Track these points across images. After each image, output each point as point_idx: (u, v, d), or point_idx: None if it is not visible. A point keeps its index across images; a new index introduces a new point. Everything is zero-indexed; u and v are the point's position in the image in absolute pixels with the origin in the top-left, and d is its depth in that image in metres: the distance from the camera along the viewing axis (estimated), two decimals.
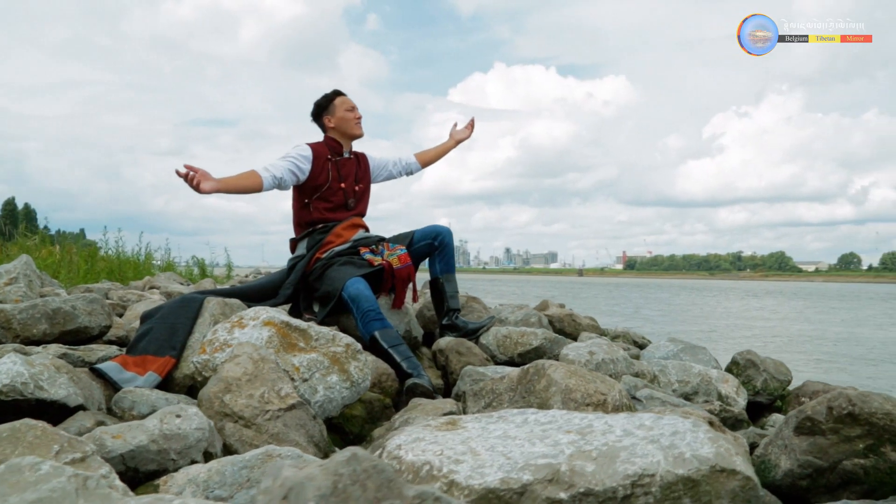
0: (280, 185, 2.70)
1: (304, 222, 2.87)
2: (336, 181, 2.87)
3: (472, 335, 2.75)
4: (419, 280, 3.05)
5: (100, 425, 1.47)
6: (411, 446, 0.99)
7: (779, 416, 2.38)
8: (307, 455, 1.05)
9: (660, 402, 1.87)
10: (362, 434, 1.84)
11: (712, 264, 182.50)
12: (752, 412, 2.52)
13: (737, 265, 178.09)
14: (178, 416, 1.16)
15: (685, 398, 2.23)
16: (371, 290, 2.49)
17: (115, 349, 2.41)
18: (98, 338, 2.63)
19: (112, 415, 1.68)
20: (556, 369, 1.59)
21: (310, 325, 1.80)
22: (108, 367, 1.97)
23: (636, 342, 3.72)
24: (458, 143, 3.37)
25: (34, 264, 3.74)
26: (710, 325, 13.72)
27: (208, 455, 1.17)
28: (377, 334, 2.32)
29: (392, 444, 1.03)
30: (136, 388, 1.79)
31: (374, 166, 3.09)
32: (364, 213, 3.02)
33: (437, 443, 1.00)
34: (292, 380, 1.53)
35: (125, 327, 2.86)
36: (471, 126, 3.43)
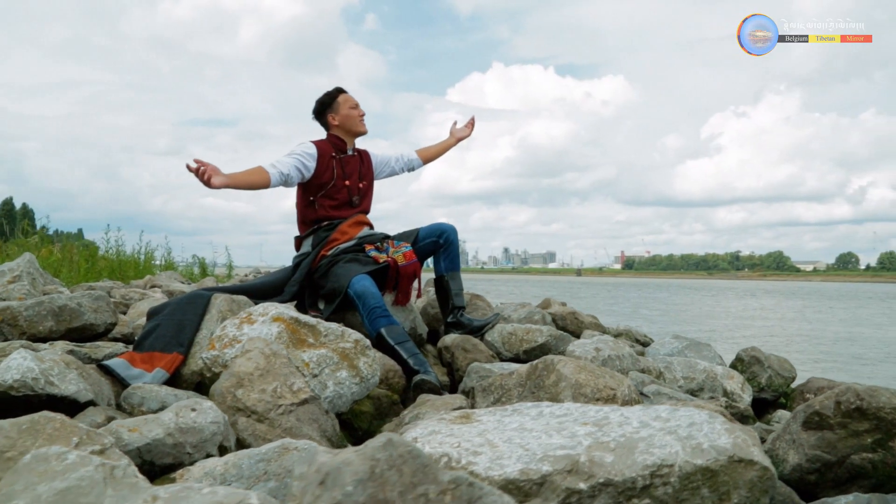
0: (286, 181, 2.70)
1: (308, 220, 2.88)
2: (340, 179, 2.88)
3: (477, 332, 2.75)
4: (422, 278, 3.06)
5: (111, 421, 1.47)
6: (428, 439, 1.00)
7: (784, 412, 2.39)
8: (322, 448, 1.05)
9: (667, 397, 1.88)
10: (371, 430, 1.84)
11: (710, 264, 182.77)
12: (757, 409, 2.52)
13: (735, 265, 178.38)
14: (193, 409, 1.16)
15: (691, 394, 2.24)
16: (377, 287, 2.50)
17: (121, 346, 2.41)
18: (103, 335, 2.63)
19: (121, 411, 1.68)
20: (566, 364, 1.59)
21: (318, 321, 1.80)
22: (115, 363, 1.97)
23: (638, 340, 3.72)
24: (458, 140, 3.39)
25: (37, 262, 3.73)
26: (710, 324, 13.74)
27: (223, 449, 1.18)
28: (383, 331, 2.32)
29: (408, 437, 1.03)
30: (145, 384, 1.80)
31: (377, 163, 3.10)
32: (368, 211, 3.03)
33: (454, 435, 1.00)
34: (302, 375, 1.53)
35: (130, 325, 2.86)
36: (471, 124, 3.45)
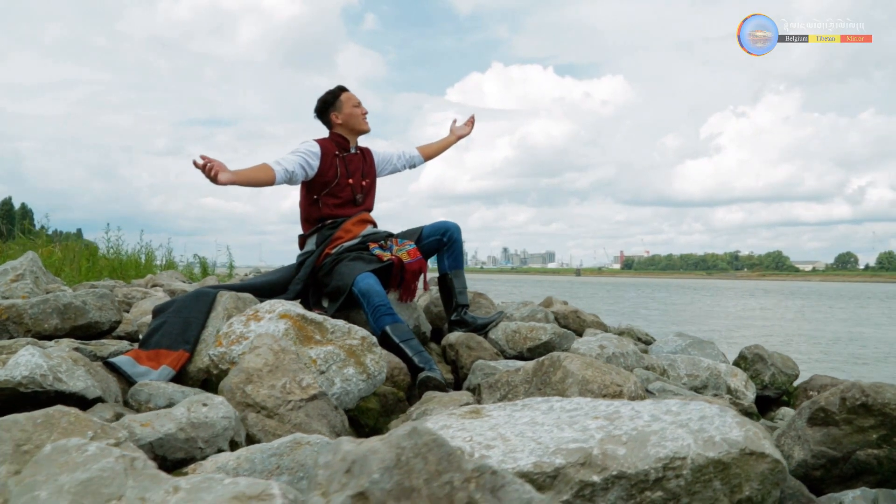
0: (291, 179, 2.70)
1: (312, 218, 2.88)
2: (344, 177, 2.88)
3: (480, 330, 2.76)
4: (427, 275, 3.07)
5: (119, 417, 1.48)
6: (440, 433, 1.00)
7: (788, 409, 2.40)
8: (346, 437, 1.06)
9: (672, 394, 1.88)
10: (377, 427, 1.85)
11: (709, 264, 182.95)
12: (761, 406, 2.53)
13: (734, 265, 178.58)
14: (204, 404, 1.16)
15: (695, 392, 2.24)
16: (381, 285, 2.50)
17: (126, 344, 2.42)
18: (108, 333, 2.63)
19: (129, 407, 1.69)
20: (572, 361, 1.60)
21: (325, 318, 1.81)
22: (121, 360, 1.97)
23: (640, 339, 3.73)
24: (458, 138, 3.42)
25: (40, 261, 3.74)
26: (710, 324, 13.75)
27: (234, 444, 1.18)
28: (388, 329, 2.33)
29: None
30: (151, 381, 1.80)
31: (379, 160, 3.11)
32: (371, 209, 3.04)
33: (466, 429, 1.01)
34: (311, 371, 1.53)
35: (134, 323, 2.86)
36: (471, 123, 3.48)
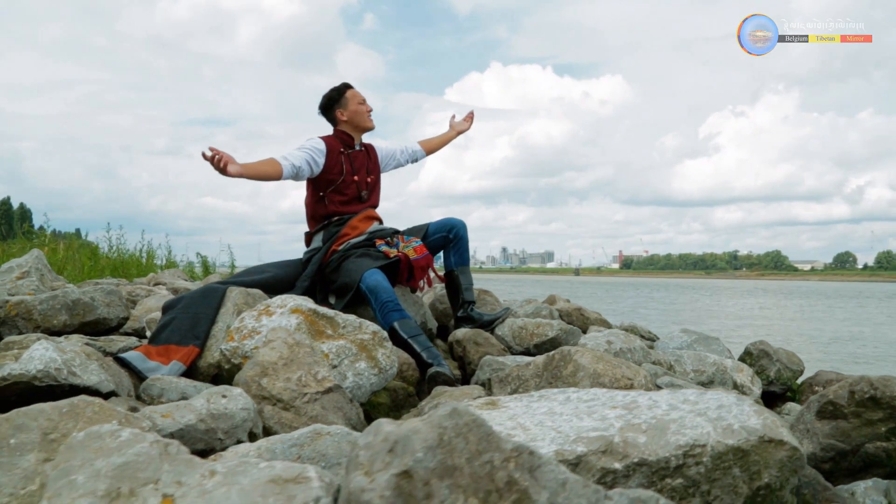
0: (297, 174, 2.71)
1: (318, 216, 2.89)
2: (349, 174, 2.89)
3: (487, 326, 2.77)
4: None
5: (135, 411, 1.49)
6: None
7: (793, 405, 2.41)
8: (355, 432, 1.07)
9: (682, 388, 1.89)
10: None
11: (708, 263, 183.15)
12: (766, 402, 2.54)
13: (733, 264, 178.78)
14: (223, 396, 1.17)
15: (702, 387, 2.25)
16: (388, 281, 2.51)
17: (134, 340, 2.43)
18: (116, 329, 2.64)
19: (141, 402, 1.69)
20: (583, 355, 1.61)
21: (336, 312, 1.82)
22: (131, 356, 1.98)
23: (644, 336, 3.74)
24: (458, 133, 3.47)
25: (45, 258, 3.74)
26: (711, 324, 13.76)
27: (252, 436, 1.19)
28: (396, 325, 2.34)
29: None
30: (163, 376, 1.81)
31: (383, 156, 3.13)
32: (377, 205, 3.05)
33: (484, 419, 1.02)
34: (326, 364, 1.54)
35: (141, 320, 2.87)
36: (470, 118, 3.52)
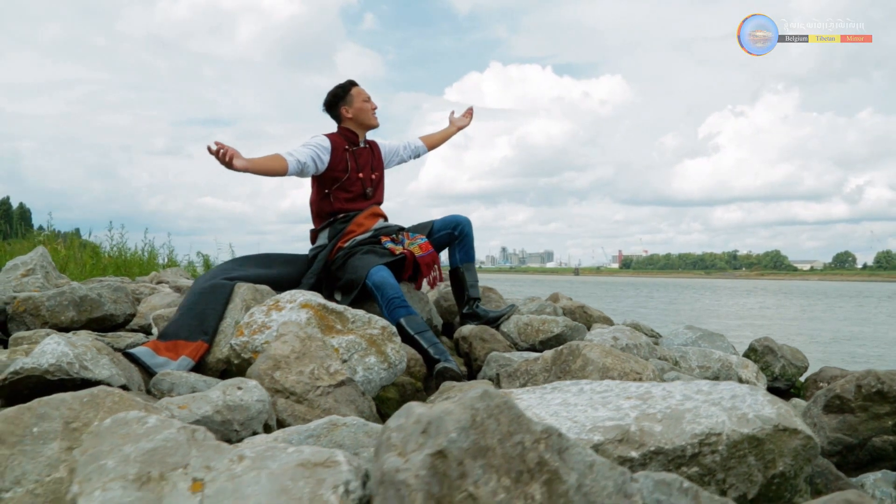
0: (302, 171, 2.72)
1: (324, 213, 2.90)
2: (354, 171, 2.90)
3: (493, 323, 2.78)
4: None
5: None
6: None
7: (798, 400, 2.42)
8: (371, 423, 1.08)
9: None
10: None
11: (708, 263, 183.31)
12: None
13: (732, 264, 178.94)
14: (239, 388, 1.18)
15: None
16: (394, 278, 2.52)
17: (141, 336, 2.43)
18: (122, 325, 2.65)
19: (152, 396, 1.70)
20: (592, 349, 1.62)
21: (345, 307, 1.83)
22: (140, 351, 1.99)
23: (647, 334, 3.75)
24: (458, 129, 3.48)
25: (49, 256, 3.75)
26: (710, 323, 13.77)
27: (268, 427, 1.20)
28: (403, 321, 2.35)
29: None
30: (172, 371, 1.82)
31: (386, 153, 3.14)
32: (381, 202, 3.06)
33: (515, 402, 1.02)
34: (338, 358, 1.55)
35: (147, 317, 2.88)
36: (469, 114, 3.53)
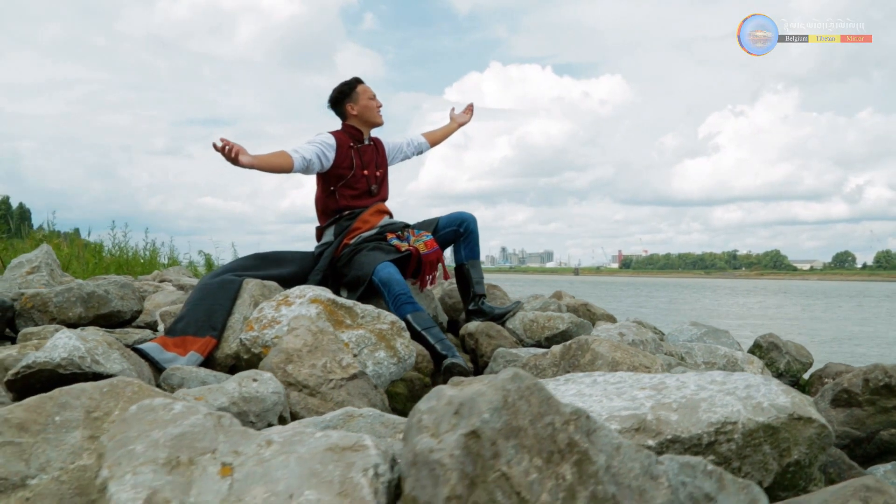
0: (308, 168, 2.72)
1: (330, 210, 2.91)
2: (360, 168, 2.91)
3: (498, 320, 2.79)
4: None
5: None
6: None
7: (804, 396, 2.43)
8: (387, 414, 1.09)
9: None
10: (405, 411, 1.88)
11: (708, 263, 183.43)
12: None
13: (732, 264, 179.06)
14: (254, 379, 1.19)
15: None
16: (400, 274, 2.53)
17: (149, 333, 2.44)
18: (129, 322, 2.66)
19: (162, 391, 1.71)
20: (601, 344, 1.63)
21: (355, 302, 1.84)
22: (149, 347, 2.00)
23: (651, 331, 3.75)
24: (459, 125, 3.49)
25: (54, 254, 3.76)
26: (712, 323, 13.75)
27: (282, 419, 1.21)
28: (410, 317, 2.36)
29: None
30: (182, 366, 1.83)
31: (390, 150, 3.15)
32: (386, 199, 3.07)
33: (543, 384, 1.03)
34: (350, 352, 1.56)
35: (153, 314, 2.89)
36: (470, 110, 3.55)
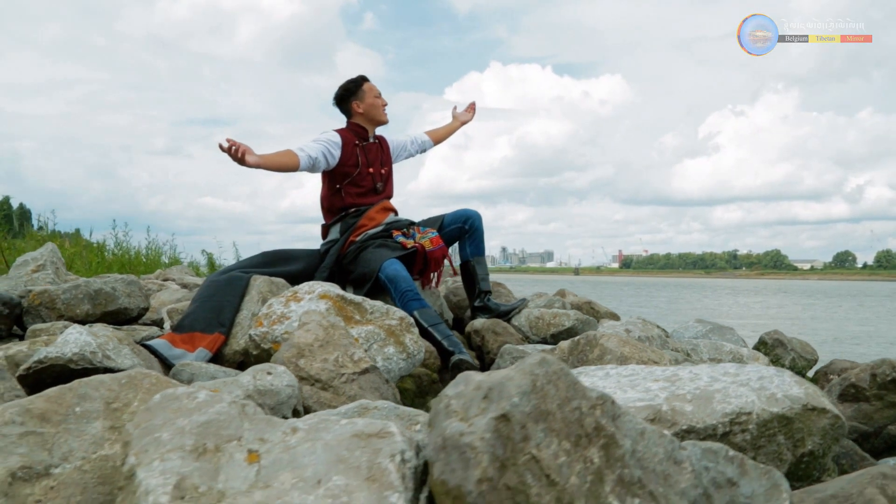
0: (313, 166, 2.73)
1: (335, 208, 2.92)
2: (365, 166, 2.92)
3: (504, 317, 2.80)
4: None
5: None
6: None
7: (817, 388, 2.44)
8: (401, 406, 1.09)
9: None
10: (414, 406, 1.89)
11: (708, 263, 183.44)
12: None
13: (732, 263, 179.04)
14: (268, 373, 1.20)
15: None
16: (407, 271, 2.54)
17: (156, 330, 2.45)
18: (136, 319, 2.67)
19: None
20: (610, 339, 1.64)
21: (363, 298, 1.84)
22: (157, 343, 2.01)
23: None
24: (462, 124, 3.50)
25: (59, 252, 3.76)
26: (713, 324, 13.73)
27: (296, 413, 1.21)
28: (417, 314, 2.36)
29: None
30: (191, 362, 1.84)
31: (394, 148, 3.16)
32: (391, 196, 3.08)
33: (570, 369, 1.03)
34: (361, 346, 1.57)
35: (159, 312, 2.90)
36: (472, 108, 3.55)
